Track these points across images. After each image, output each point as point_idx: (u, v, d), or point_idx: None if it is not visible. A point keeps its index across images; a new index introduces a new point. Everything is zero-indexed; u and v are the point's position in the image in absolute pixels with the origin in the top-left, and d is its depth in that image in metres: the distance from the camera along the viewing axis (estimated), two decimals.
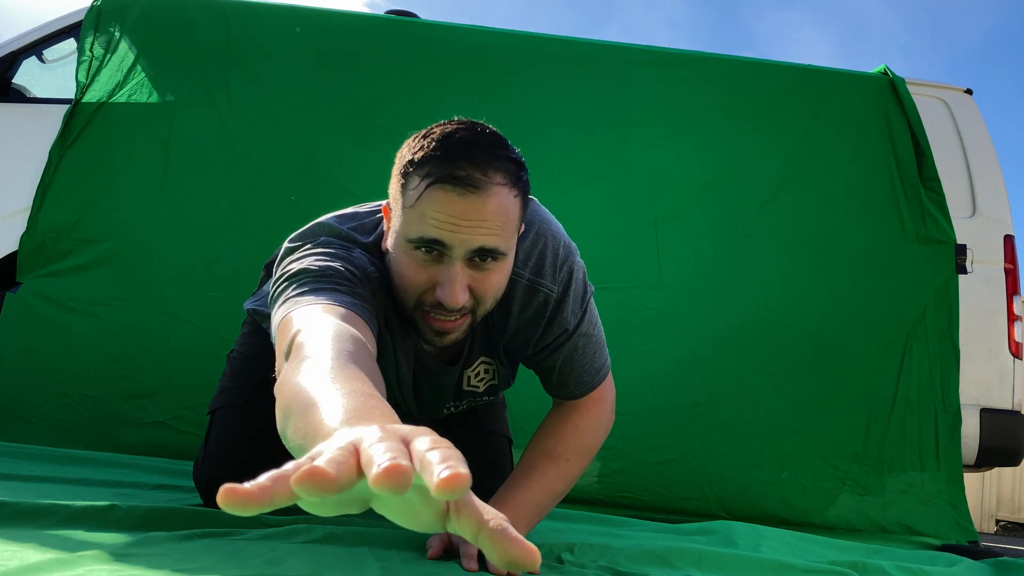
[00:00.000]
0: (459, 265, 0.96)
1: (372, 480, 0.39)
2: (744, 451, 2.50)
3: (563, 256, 1.17)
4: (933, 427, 2.55)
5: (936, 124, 2.98)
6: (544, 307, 1.15)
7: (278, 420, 0.68)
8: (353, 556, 1.02)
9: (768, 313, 2.64)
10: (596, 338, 1.25)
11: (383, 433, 0.44)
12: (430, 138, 0.97)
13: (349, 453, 0.42)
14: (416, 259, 0.98)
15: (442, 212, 0.94)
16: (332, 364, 0.69)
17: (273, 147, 2.71)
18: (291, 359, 0.74)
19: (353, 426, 0.50)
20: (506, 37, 2.86)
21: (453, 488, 0.38)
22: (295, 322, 0.83)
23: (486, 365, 1.25)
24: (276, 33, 2.80)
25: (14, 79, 2.93)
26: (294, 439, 0.62)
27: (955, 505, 2.50)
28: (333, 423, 0.55)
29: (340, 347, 0.73)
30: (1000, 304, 2.91)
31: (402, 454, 0.41)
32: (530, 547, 0.43)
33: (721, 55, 2.94)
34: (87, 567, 0.78)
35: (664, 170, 2.75)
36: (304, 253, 1.03)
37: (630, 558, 1.21)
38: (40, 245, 2.57)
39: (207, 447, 1.46)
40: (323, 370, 0.67)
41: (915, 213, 2.72)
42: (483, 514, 0.45)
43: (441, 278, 0.97)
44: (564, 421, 1.24)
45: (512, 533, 0.43)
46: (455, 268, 0.96)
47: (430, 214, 0.95)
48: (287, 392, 0.67)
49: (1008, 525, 8.55)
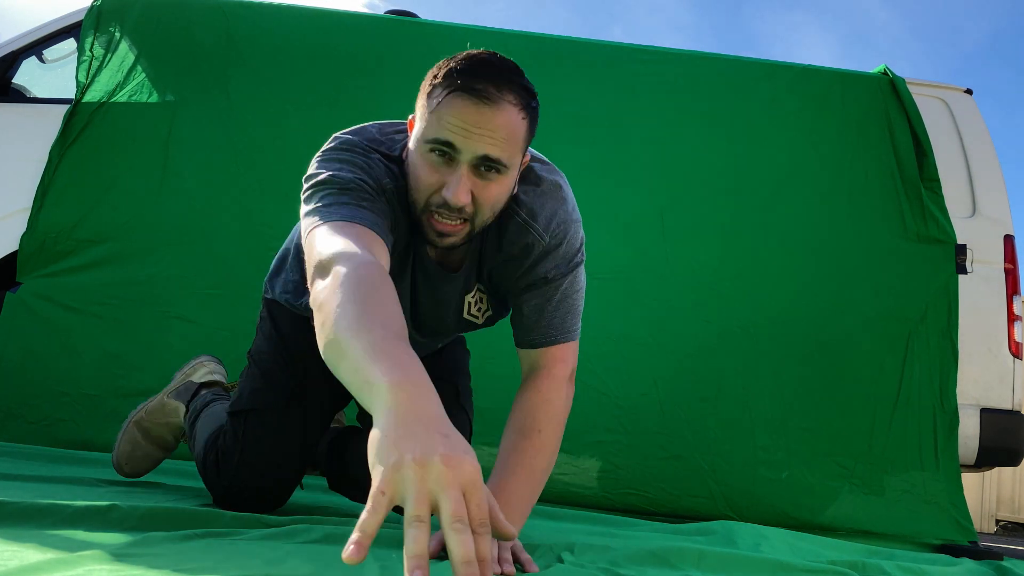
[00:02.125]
0: (465, 169, 1.07)
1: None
2: (750, 447, 2.50)
3: (562, 219, 1.27)
4: (932, 427, 2.55)
5: (936, 124, 2.98)
6: (530, 249, 1.24)
7: (318, 335, 0.85)
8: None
9: (773, 308, 2.64)
10: (573, 302, 1.31)
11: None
12: (457, 58, 1.09)
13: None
14: (430, 161, 1.09)
15: (457, 118, 1.05)
16: (361, 296, 0.86)
17: (273, 147, 2.71)
18: (326, 280, 0.90)
19: (381, 363, 0.75)
20: (507, 37, 2.86)
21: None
22: (323, 241, 0.98)
23: (480, 294, 1.33)
24: (276, 33, 2.80)
25: (14, 79, 2.93)
26: (332, 360, 0.82)
27: (955, 505, 2.50)
28: (366, 361, 0.76)
29: (365, 275, 0.90)
30: (1000, 304, 2.91)
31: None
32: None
33: (723, 55, 2.94)
34: (87, 567, 0.78)
35: (668, 167, 2.76)
36: (330, 157, 1.20)
37: (630, 558, 1.21)
38: (40, 245, 2.57)
39: (240, 451, 1.39)
40: (354, 302, 0.85)
41: (916, 212, 2.72)
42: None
43: (449, 179, 1.08)
44: (527, 391, 1.27)
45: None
46: (461, 171, 1.07)
47: (446, 118, 1.06)
48: (326, 317, 0.85)
49: (1008, 525, 8.55)
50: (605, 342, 2.60)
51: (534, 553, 1.16)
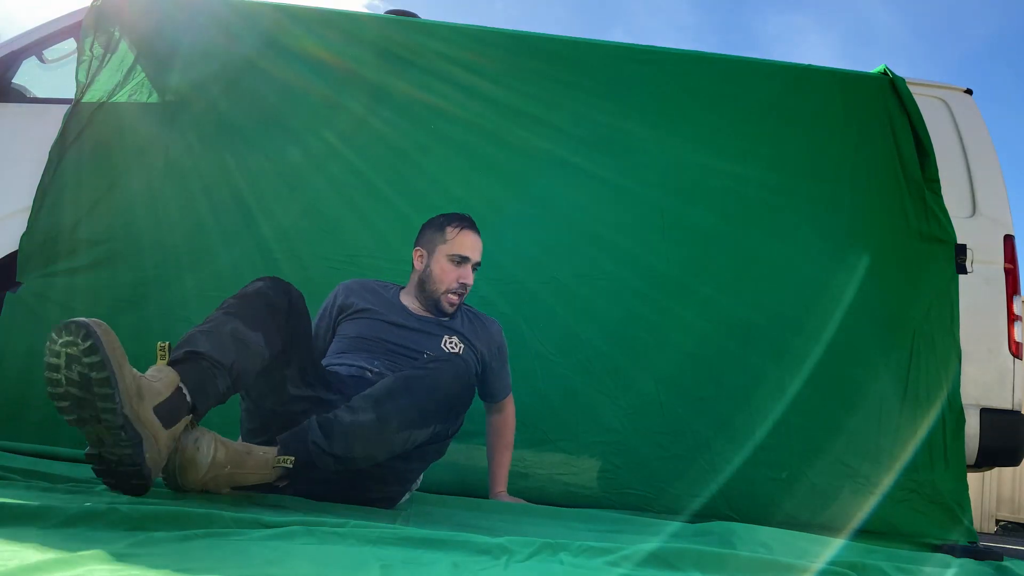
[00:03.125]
0: (469, 268, 2.06)
1: None
2: (751, 447, 2.50)
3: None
4: (941, 426, 2.54)
5: (936, 124, 2.98)
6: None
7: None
8: (353, 556, 1.02)
9: (774, 307, 2.64)
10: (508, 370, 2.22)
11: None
12: (448, 214, 2.12)
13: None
14: (449, 266, 2.05)
15: (467, 241, 2.06)
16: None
17: (273, 146, 2.71)
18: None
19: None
20: (507, 36, 2.86)
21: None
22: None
23: (460, 344, 2.04)
24: (276, 33, 2.80)
25: (14, 79, 2.93)
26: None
27: (961, 504, 2.49)
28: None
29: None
30: (1000, 304, 2.92)
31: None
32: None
33: (723, 55, 2.94)
34: (87, 567, 0.78)
35: (663, 170, 2.76)
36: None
37: (630, 558, 1.21)
38: (40, 245, 2.57)
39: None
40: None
41: (919, 211, 2.72)
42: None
43: (464, 275, 2.05)
44: (500, 414, 2.23)
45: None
46: (469, 268, 2.06)
47: (460, 241, 2.06)
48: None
49: (1008, 525, 8.55)
50: (605, 342, 2.61)
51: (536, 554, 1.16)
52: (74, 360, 1.17)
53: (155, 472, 1.28)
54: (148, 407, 1.25)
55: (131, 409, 1.21)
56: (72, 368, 1.18)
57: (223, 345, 1.42)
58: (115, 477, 1.26)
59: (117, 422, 1.19)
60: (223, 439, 1.42)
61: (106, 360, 1.16)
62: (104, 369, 1.16)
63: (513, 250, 2.67)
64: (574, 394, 2.56)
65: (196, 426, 1.40)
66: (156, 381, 1.29)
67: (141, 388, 1.24)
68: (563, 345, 2.60)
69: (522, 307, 2.60)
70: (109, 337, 1.18)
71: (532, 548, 1.17)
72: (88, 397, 1.19)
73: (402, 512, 1.70)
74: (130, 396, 1.20)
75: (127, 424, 1.20)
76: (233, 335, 1.45)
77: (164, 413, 1.28)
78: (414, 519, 1.59)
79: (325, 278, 2.58)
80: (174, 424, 1.30)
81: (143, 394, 1.24)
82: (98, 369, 1.17)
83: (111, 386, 1.17)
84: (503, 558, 1.11)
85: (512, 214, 2.70)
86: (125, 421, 1.19)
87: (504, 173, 2.75)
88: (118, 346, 1.20)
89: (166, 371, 1.33)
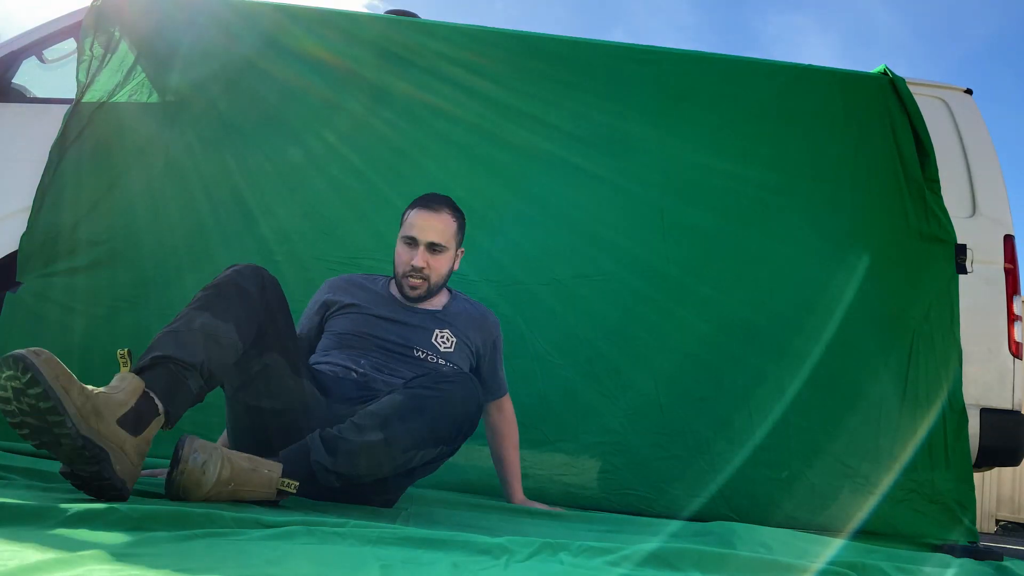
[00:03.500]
0: (422, 249, 1.95)
1: None
2: (751, 447, 2.50)
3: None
4: (941, 426, 2.54)
5: (936, 124, 2.98)
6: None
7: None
8: (353, 556, 1.02)
9: (774, 307, 2.64)
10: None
11: None
12: (419, 196, 2.04)
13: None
14: (402, 248, 1.98)
15: (417, 221, 1.97)
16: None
17: (273, 147, 2.71)
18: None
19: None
20: (507, 36, 2.86)
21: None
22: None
23: (452, 339, 2.00)
24: (276, 32, 2.80)
25: (14, 79, 2.92)
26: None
27: (963, 504, 2.49)
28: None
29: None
30: (1000, 304, 2.91)
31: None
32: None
33: (723, 55, 2.94)
34: (87, 567, 0.78)
35: (663, 170, 2.76)
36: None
37: (630, 558, 1.21)
38: (40, 245, 2.57)
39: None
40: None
41: (919, 211, 2.72)
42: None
43: (414, 257, 1.95)
44: (499, 414, 2.17)
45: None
46: (420, 250, 1.95)
47: (411, 222, 1.98)
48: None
49: (1008, 525, 8.55)
50: (605, 342, 2.61)
51: (536, 554, 1.16)
52: (20, 393, 1.18)
53: (130, 480, 1.28)
54: (110, 421, 1.24)
55: (88, 428, 1.21)
56: (21, 401, 1.19)
57: (192, 344, 1.40)
58: (91, 490, 1.27)
59: (76, 443, 1.19)
60: (231, 455, 1.41)
61: (48, 390, 1.16)
62: (49, 399, 1.17)
63: (513, 250, 2.67)
64: (574, 394, 2.55)
65: (202, 443, 1.39)
66: (117, 392, 1.28)
67: (97, 406, 1.23)
68: (563, 345, 2.60)
69: (522, 307, 2.60)
70: (50, 365, 1.18)
71: (532, 548, 1.17)
72: (43, 424, 1.20)
73: (402, 512, 1.70)
74: (84, 417, 1.21)
75: (88, 443, 1.20)
76: (203, 330, 1.43)
77: (129, 422, 1.27)
78: (414, 519, 1.59)
79: (325, 278, 2.58)
80: (143, 430, 1.30)
81: (101, 411, 1.24)
82: (43, 399, 1.17)
83: (59, 413, 1.17)
84: (503, 558, 1.11)
85: (512, 214, 2.70)
86: (85, 441, 1.20)
87: (504, 173, 2.75)
88: (62, 371, 1.20)
89: (129, 378, 1.32)
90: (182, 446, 1.36)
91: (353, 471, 1.53)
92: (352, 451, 1.51)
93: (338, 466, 1.50)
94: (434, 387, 1.62)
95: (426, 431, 1.57)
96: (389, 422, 1.54)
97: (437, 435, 1.60)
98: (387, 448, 1.53)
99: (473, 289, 2.59)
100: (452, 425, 1.62)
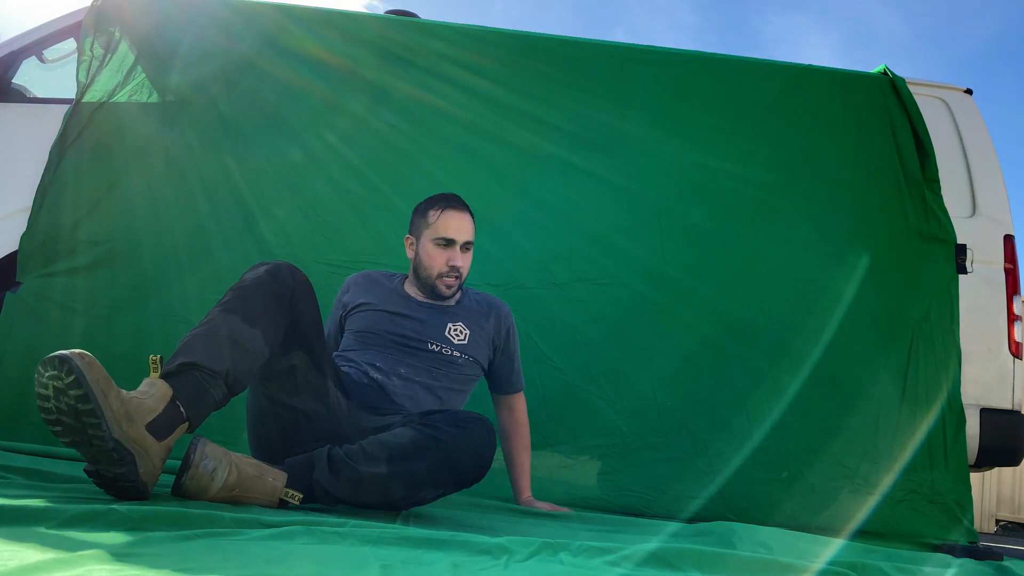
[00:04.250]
0: (458, 249, 1.98)
1: None
2: (748, 448, 2.49)
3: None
4: (941, 426, 2.53)
5: (936, 124, 2.98)
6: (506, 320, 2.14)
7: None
8: (353, 556, 1.02)
9: (775, 307, 2.64)
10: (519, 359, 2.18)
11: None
12: (432, 196, 2.06)
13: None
14: (436, 251, 1.99)
15: (451, 222, 1.98)
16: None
17: (273, 147, 2.71)
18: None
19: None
20: (507, 36, 2.86)
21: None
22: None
23: (466, 331, 2.01)
24: (276, 33, 2.80)
25: (14, 79, 2.92)
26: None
27: (961, 505, 2.49)
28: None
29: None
30: (1000, 304, 2.91)
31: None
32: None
33: (722, 55, 2.94)
34: (87, 567, 0.78)
35: (663, 170, 2.76)
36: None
37: (630, 558, 1.21)
38: (40, 245, 2.57)
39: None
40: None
41: (919, 211, 2.71)
42: None
43: (452, 256, 1.98)
44: (511, 413, 2.17)
45: None
46: (457, 250, 1.98)
47: (444, 223, 1.98)
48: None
49: (1008, 525, 8.55)
50: (605, 343, 2.60)
51: (536, 554, 1.16)
52: (61, 393, 1.22)
53: (151, 483, 1.32)
54: (139, 426, 1.29)
55: (120, 432, 1.25)
56: (60, 400, 1.23)
57: (219, 351, 1.42)
58: (113, 491, 1.30)
59: (108, 445, 1.23)
60: (239, 461, 1.42)
61: (90, 393, 1.21)
62: (89, 401, 1.21)
63: (513, 250, 2.67)
64: (574, 396, 2.55)
65: (213, 448, 1.40)
66: (147, 398, 1.32)
67: (130, 411, 1.28)
68: (563, 346, 2.59)
69: (522, 307, 2.60)
70: (92, 369, 1.23)
71: (532, 548, 1.17)
72: (78, 425, 1.24)
73: (402, 512, 1.70)
74: (118, 420, 1.25)
75: (118, 446, 1.24)
76: (230, 338, 1.44)
77: (156, 428, 1.32)
78: (414, 519, 1.59)
79: (325, 278, 2.58)
80: (168, 436, 1.34)
81: (132, 416, 1.28)
82: (83, 401, 1.21)
83: (97, 416, 1.22)
84: (503, 558, 1.11)
85: (512, 214, 2.70)
86: (116, 444, 1.24)
87: (504, 173, 2.75)
88: (102, 375, 1.24)
89: (158, 385, 1.36)
90: (194, 451, 1.38)
91: (353, 499, 1.54)
92: (355, 479, 1.52)
93: (338, 490, 1.52)
94: (447, 430, 1.59)
95: (432, 473, 1.57)
96: (395, 458, 1.54)
97: (439, 480, 1.60)
98: (389, 483, 1.53)
99: (473, 289, 2.60)
100: (458, 472, 1.61)
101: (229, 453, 1.42)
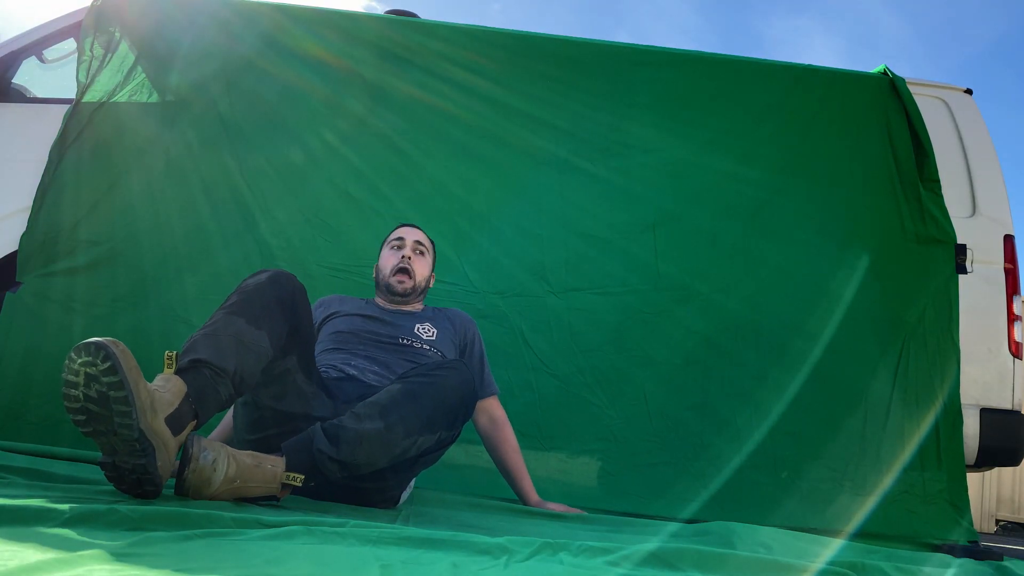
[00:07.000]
0: (408, 248, 2.18)
1: None
2: (740, 453, 2.50)
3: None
4: (934, 427, 2.54)
5: (936, 124, 2.98)
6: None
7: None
8: (353, 556, 1.02)
9: (775, 307, 2.64)
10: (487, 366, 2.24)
11: None
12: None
13: None
14: (388, 253, 2.20)
15: (401, 232, 2.22)
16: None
17: (273, 147, 2.71)
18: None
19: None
20: (507, 36, 2.86)
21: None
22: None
23: (433, 329, 2.12)
24: (275, 32, 2.80)
25: (14, 79, 2.92)
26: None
27: (956, 505, 2.49)
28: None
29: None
30: (1000, 304, 2.91)
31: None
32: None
33: (722, 55, 2.94)
34: (87, 567, 0.78)
35: (663, 171, 2.76)
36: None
37: (630, 558, 1.21)
38: (40, 245, 2.57)
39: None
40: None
41: (914, 213, 2.71)
42: None
43: (404, 254, 2.17)
44: (491, 419, 2.17)
45: None
46: (407, 249, 2.18)
47: (395, 234, 2.23)
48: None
49: (1008, 525, 8.55)
50: (605, 343, 2.60)
51: (536, 554, 1.16)
52: (93, 379, 1.23)
53: (166, 477, 1.33)
54: (160, 418, 1.31)
55: (146, 423, 1.26)
56: (91, 387, 1.24)
57: (225, 351, 1.44)
58: (127, 483, 1.31)
59: (133, 435, 1.25)
60: (234, 452, 1.43)
61: (124, 380, 1.22)
62: (123, 388, 1.22)
63: (512, 250, 2.67)
64: (573, 396, 2.55)
65: (208, 441, 1.40)
66: (165, 392, 1.34)
67: (155, 402, 1.30)
68: (562, 346, 2.60)
69: (521, 308, 2.60)
70: (126, 357, 1.25)
71: (532, 548, 1.17)
72: (106, 413, 1.25)
73: (402, 512, 1.70)
74: (145, 411, 1.26)
75: (142, 436, 1.26)
76: (235, 338, 1.47)
77: (173, 422, 1.33)
78: (414, 519, 1.59)
79: (325, 278, 2.59)
80: (181, 431, 1.36)
81: (156, 407, 1.30)
82: (116, 388, 1.22)
83: (128, 404, 1.23)
84: (503, 558, 1.11)
85: (512, 214, 2.70)
86: (140, 434, 1.25)
87: (504, 173, 2.75)
88: (134, 364, 1.26)
89: (174, 380, 1.38)
90: (191, 445, 1.38)
91: (354, 459, 1.54)
92: (353, 439, 1.53)
93: (340, 454, 1.52)
94: (428, 375, 1.66)
95: (423, 418, 1.60)
96: (387, 411, 1.57)
97: (434, 421, 1.63)
98: (386, 435, 1.55)
99: (473, 289, 2.59)
100: (448, 410, 1.65)
101: (224, 446, 1.43)
